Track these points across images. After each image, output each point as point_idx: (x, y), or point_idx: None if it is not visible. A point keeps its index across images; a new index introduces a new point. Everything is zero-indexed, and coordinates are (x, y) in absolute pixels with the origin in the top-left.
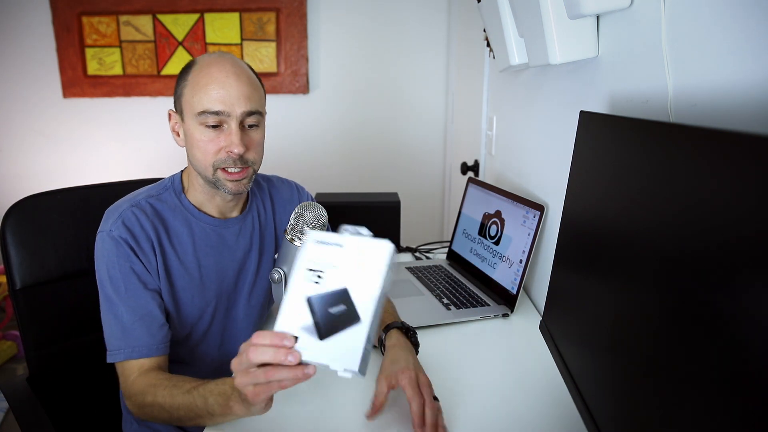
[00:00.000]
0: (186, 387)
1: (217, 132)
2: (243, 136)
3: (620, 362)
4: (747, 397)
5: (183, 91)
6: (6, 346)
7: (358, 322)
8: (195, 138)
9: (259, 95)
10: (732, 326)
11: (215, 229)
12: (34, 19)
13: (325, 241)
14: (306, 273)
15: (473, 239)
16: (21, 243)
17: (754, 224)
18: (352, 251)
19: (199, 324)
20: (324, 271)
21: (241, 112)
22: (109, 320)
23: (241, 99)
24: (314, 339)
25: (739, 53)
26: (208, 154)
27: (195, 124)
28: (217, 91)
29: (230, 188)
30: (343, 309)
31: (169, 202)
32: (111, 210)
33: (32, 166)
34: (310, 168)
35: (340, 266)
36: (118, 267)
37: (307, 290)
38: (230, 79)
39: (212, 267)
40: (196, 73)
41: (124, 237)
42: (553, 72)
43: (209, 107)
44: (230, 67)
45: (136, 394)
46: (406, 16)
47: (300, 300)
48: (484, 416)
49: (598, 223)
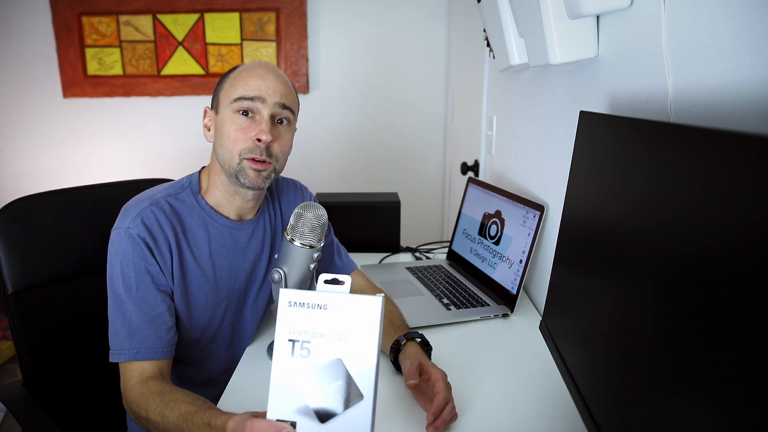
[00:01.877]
0: (177, 411)
1: (248, 120)
2: (273, 128)
3: (620, 362)
4: (747, 396)
5: (222, 86)
6: (6, 347)
7: (360, 399)
8: (226, 125)
9: (293, 98)
10: (732, 326)
11: (230, 231)
12: (34, 19)
13: (304, 302)
14: (289, 345)
15: (473, 239)
16: (12, 246)
17: (754, 224)
18: (338, 313)
19: (210, 325)
20: (310, 341)
21: (275, 102)
22: (115, 319)
23: (276, 92)
24: (314, 423)
25: (739, 53)
26: (237, 142)
27: (229, 113)
28: (255, 81)
29: (251, 177)
30: (340, 385)
31: (187, 201)
32: (129, 207)
33: (32, 166)
34: (310, 168)
35: (327, 334)
36: (132, 266)
37: (294, 366)
38: (270, 75)
39: (226, 268)
40: (238, 72)
41: (142, 236)
42: (553, 72)
43: (245, 93)
44: (272, 68)
45: (132, 402)
46: (406, 17)
47: (287, 379)
48: (484, 416)
49: (598, 223)
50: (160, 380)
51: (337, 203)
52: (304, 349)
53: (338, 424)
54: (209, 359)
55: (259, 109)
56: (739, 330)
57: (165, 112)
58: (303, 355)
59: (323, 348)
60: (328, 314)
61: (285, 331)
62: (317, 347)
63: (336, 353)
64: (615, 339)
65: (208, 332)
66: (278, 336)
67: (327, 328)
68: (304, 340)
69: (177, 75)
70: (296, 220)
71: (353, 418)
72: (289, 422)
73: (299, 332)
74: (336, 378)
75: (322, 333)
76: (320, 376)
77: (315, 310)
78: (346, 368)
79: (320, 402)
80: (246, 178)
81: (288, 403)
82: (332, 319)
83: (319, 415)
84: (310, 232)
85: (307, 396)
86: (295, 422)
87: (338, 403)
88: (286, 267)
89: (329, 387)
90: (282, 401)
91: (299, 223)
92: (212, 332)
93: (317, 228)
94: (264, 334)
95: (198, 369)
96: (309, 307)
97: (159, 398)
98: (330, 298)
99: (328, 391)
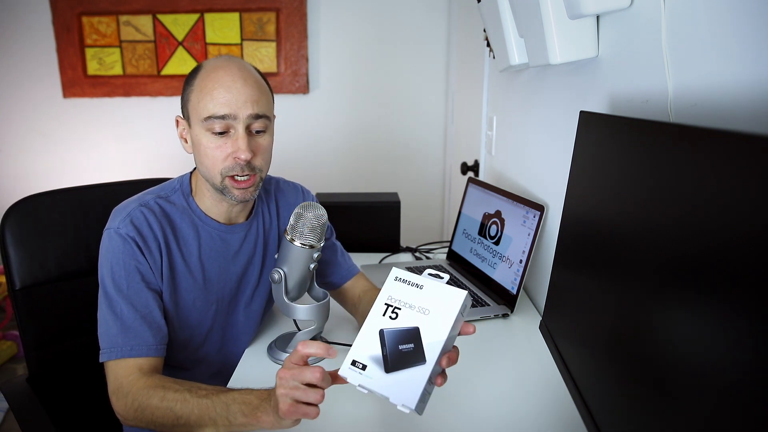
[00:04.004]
0: (200, 392)
1: (224, 138)
2: (250, 141)
3: (620, 362)
4: (747, 396)
5: (189, 97)
6: (6, 346)
7: (422, 363)
8: (202, 145)
9: (266, 99)
10: (732, 326)
11: (221, 234)
12: (34, 19)
13: (406, 279)
14: (384, 307)
15: (473, 239)
16: (20, 243)
17: (754, 224)
18: (428, 294)
19: (199, 328)
20: (401, 309)
21: (248, 114)
22: (106, 318)
23: (247, 102)
24: (380, 371)
25: (739, 53)
26: (216, 161)
27: (202, 131)
28: (223, 95)
29: (237, 196)
30: (411, 348)
31: (178, 203)
32: (119, 209)
33: (32, 166)
34: (310, 168)
35: (416, 306)
36: (123, 264)
37: (383, 323)
38: (237, 83)
39: (215, 271)
40: (202, 78)
41: (131, 235)
42: (553, 72)
43: (215, 112)
44: (237, 71)
45: (137, 392)
46: (406, 17)
47: (374, 331)
48: (484, 416)
49: (598, 223)
50: (161, 375)
51: (337, 203)
52: (394, 313)
53: (398, 377)
54: (201, 363)
55: (232, 125)
56: (739, 329)
57: (165, 112)
58: (392, 317)
59: (409, 316)
60: (421, 293)
61: (385, 297)
62: (404, 314)
63: (417, 322)
64: (615, 339)
65: (197, 335)
66: (378, 299)
67: (417, 302)
68: (396, 307)
69: (177, 75)
70: (296, 220)
71: (411, 377)
72: (361, 364)
73: (395, 300)
74: (410, 341)
75: (411, 305)
76: (399, 336)
77: (413, 287)
78: (420, 337)
79: (393, 354)
80: (232, 195)
81: (367, 350)
82: (423, 297)
83: (387, 365)
84: (310, 232)
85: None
86: (366, 365)
87: (405, 360)
88: (286, 267)
89: (403, 346)
90: (363, 347)
91: (299, 223)
92: (202, 335)
93: (317, 228)
94: (265, 335)
95: (189, 374)
96: (409, 284)
97: (176, 385)
98: (427, 282)
99: (401, 348)
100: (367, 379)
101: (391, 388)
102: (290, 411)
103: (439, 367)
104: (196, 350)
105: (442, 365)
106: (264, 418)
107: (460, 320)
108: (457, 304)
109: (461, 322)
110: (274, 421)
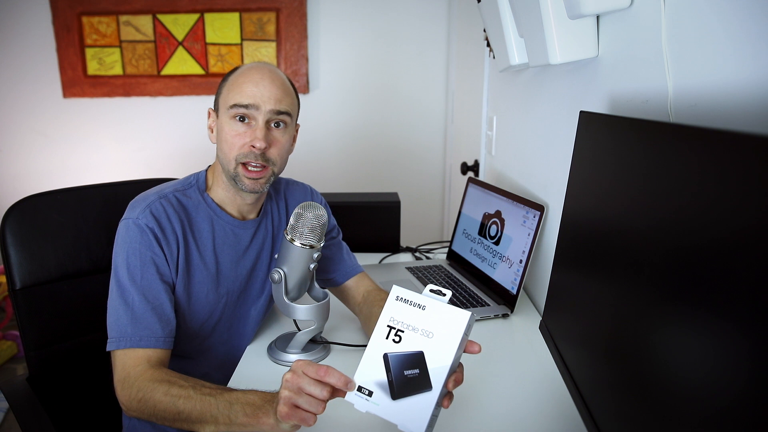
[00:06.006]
0: (205, 390)
1: (244, 127)
2: (268, 134)
3: (620, 362)
4: (747, 396)
5: (221, 90)
6: (6, 346)
7: (429, 389)
8: (224, 131)
9: (290, 101)
10: (732, 325)
11: (233, 228)
12: (34, 19)
13: (408, 299)
14: (387, 330)
15: (473, 239)
16: (21, 243)
17: (754, 224)
18: (431, 316)
19: (209, 319)
20: (404, 331)
21: (269, 109)
22: (117, 307)
23: (271, 99)
24: (387, 398)
25: (739, 53)
26: (234, 147)
27: (226, 119)
28: (250, 89)
29: (247, 185)
30: (416, 373)
31: (194, 198)
32: (138, 200)
33: (32, 166)
34: (310, 168)
35: (419, 329)
36: (138, 255)
37: (386, 347)
38: (265, 81)
39: (227, 264)
40: (236, 76)
41: (150, 226)
42: (553, 72)
43: (240, 101)
44: (267, 72)
45: (143, 384)
46: (406, 17)
47: (378, 355)
48: (484, 416)
49: (598, 223)
50: (168, 369)
51: (337, 203)
52: (397, 336)
53: (405, 404)
54: (206, 354)
55: (254, 116)
56: (739, 328)
57: (165, 112)
58: (395, 341)
59: (412, 339)
60: (424, 314)
61: (387, 318)
62: (408, 337)
63: (421, 346)
64: (615, 339)
65: (206, 327)
66: (380, 320)
67: (420, 324)
68: (399, 329)
69: (177, 75)
70: (296, 220)
71: (419, 404)
72: (368, 390)
73: (397, 322)
74: (415, 367)
75: (414, 327)
76: (404, 361)
77: (415, 308)
78: (425, 361)
79: (399, 380)
80: (242, 184)
81: (371, 374)
82: (426, 319)
83: (393, 392)
84: (309, 232)
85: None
86: (372, 391)
87: (411, 387)
88: (286, 267)
89: (408, 372)
90: (368, 372)
91: (299, 223)
92: (210, 327)
93: (317, 228)
94: (265, 335)
95: (195, 363)
96: (411, 305)
97: (183, 381)
98: (429, 302)
99: (406, 374)
100: (374, 406)
101: (399, 415)
102: (288, 414)
103: (446, 390)
104: (203, 341)
105: (449, 388)
106: (265, 420)
107: (464, 341)
108: (461, 327)
109: (466, 342)
110: (274, 423)
